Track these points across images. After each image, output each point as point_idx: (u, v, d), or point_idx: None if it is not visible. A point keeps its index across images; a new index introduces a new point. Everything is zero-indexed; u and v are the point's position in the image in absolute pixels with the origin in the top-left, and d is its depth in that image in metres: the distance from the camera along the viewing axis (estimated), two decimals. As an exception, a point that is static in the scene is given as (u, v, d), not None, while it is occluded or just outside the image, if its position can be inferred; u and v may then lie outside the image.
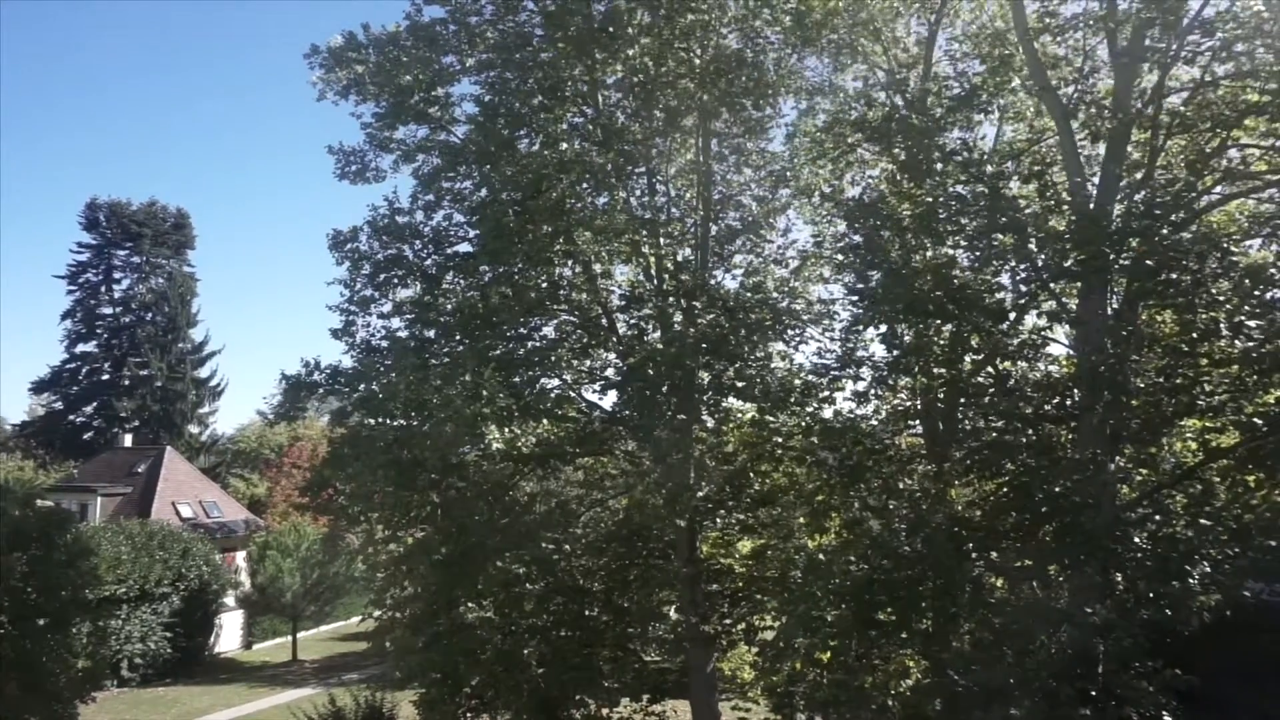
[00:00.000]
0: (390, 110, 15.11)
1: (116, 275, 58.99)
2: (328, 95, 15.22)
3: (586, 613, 15.60)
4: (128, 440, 47.01)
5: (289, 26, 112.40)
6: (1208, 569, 9.38)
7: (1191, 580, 9.25)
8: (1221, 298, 10.07)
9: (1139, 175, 11.80)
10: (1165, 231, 10.37)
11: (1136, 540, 9.53)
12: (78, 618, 19.46)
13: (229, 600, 36.20)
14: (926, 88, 13.65)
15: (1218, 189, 11.58)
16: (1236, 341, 10.00)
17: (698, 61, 14.69)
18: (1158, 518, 9.96)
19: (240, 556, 38.39)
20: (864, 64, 15.07)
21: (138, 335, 57.15)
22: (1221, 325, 10.02)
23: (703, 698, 15.32)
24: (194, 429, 59.26)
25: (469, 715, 15.79)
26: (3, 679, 17.38)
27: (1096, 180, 11.94)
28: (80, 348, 57.71)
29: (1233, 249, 10.48)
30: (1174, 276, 10.10)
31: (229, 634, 37.00)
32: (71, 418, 57.46)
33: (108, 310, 58.65)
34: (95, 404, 57.09)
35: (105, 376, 57.39)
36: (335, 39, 15.03)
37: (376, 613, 17.13)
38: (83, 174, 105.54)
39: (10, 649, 17.45)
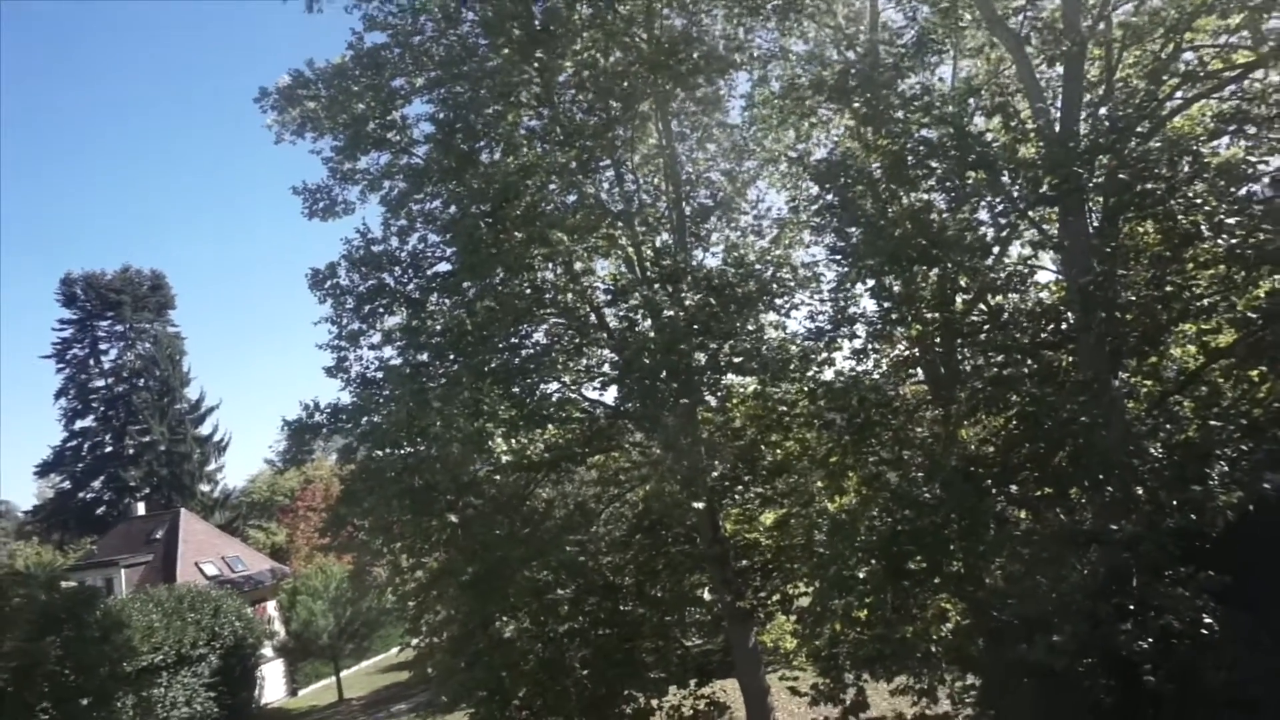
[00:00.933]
0: (349, 141, 15.05)
1: (103, 346, 58.82)
2: (285, 136, 15.19)
3: (621, 608, 15.62)
4: (141, 509, 46.92)
5: (239, 72, 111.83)
6: (1225, 468, 9.44)
7: (1211, 482, 9.31)
8: (1198, 200, 10.10)
9: (1100, 92, 11.81)
10: (1133, 143, 10.41)
11: (1151, 451, 9.58)
12: (119, 692, 19.47)
13: (267, 651, 36.21)
14: (878, 38, 13.59)
15: (1178, 94, 11.59)
16: (1219, 241, 10.03)
17: (645, 47, 14.64)
18: (1168, 426, 10.02)
19: (271, 606, 38.41)
20: (811, 22, 15.02)
21: (134, 403, 56.98)
22: (1203, 227, 10.05)
23: (749, 673, 15.39)
24: (205, 487, 59.19)
25: (521, 726, 15.83)
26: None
27: (1059, 104, 11.94)
28: (79, 424, 57.47)
29: (1202, 150, 10.51)
30: (1149, 187, 10.14)
31: (272, 684, 37.04)
32: (81, 495, 57.25)
33: (100, 382, 58.43)
34: (102, 477, 56.91)
35: (108, 449, 57.19)
36: (284, 79, 14.99)
37: (414, 641, 17.15)
38: (53, 250, 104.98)
39: (57, 734, 17.49)
